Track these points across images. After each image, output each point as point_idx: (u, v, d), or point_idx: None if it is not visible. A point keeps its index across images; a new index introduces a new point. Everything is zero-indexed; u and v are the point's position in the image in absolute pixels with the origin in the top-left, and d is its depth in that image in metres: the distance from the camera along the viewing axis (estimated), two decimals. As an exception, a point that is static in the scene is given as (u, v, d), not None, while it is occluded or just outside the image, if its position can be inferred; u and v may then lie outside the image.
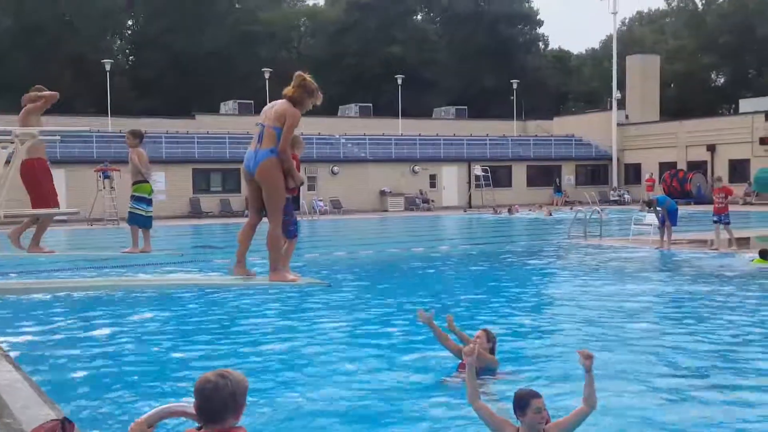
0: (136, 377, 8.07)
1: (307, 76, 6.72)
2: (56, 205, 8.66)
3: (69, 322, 10.94)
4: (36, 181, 8.41)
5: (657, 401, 7.04)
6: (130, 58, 72.18)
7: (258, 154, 6.63)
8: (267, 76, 50.17)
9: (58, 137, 8.85)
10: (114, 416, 6.76)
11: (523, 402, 5.29)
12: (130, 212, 10.26)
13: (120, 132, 37.00)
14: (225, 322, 10.94)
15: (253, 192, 6.86)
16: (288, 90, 6.72)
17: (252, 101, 53.32)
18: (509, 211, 37.86)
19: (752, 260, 16.47)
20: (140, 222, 10.14)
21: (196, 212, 40.24)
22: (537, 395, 5.33)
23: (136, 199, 10.18)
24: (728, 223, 19.50)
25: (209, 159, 42.38)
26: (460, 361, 7.73)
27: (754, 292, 13.08)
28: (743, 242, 21.55)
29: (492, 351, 7.76)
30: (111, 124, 44.20)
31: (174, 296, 12.82)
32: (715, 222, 19.63)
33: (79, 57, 58.74)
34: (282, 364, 8.49)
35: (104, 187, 33.31)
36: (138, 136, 10.17)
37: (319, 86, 6.85)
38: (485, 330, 7.92)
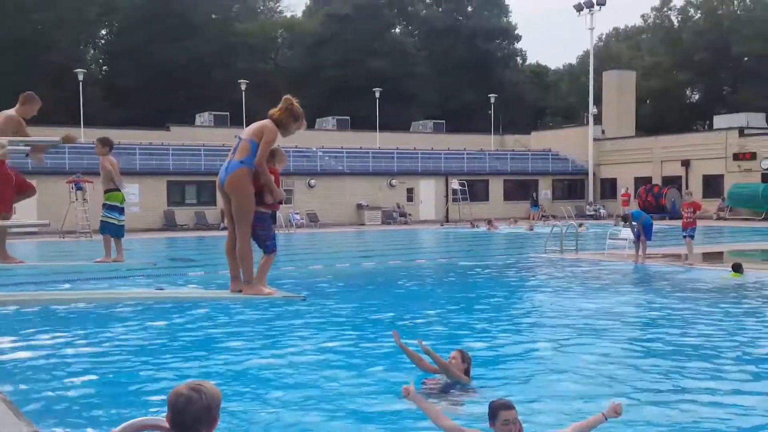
0: (109, 391, 7.98)
1: (295, 101, 6.73)
2: (8, 207, 8.41)
3: (42, 335, 10.78)
4: None
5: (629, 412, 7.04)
6: (104, 68, 71.39)
7: (229, 165, 6.62)
8: (244, 87, 50.09)
9: (29, 148, 8.70)
10: (87, 430, 6.67)
11: (493, 413, 5.31)
12: (102, 221, 10.11)
13: (92, 143, 36.57)
14: (199, 336, 10.84)
15: (228, 204, 6.83)
16: (274, 111, 6.72)
17: (228, 113, 53.17)
18: (489, 225, 37.34)
19: (729, 273, 16.61)
20: (112, 231, 10.00)
21: (170, 225, 39.88)
22: (508, 407, 5.33)
23: (108, 207, 10.03)
24: (692, 237, 19.64)
25: (184, 171, 42.01)
26: (430, 376, 7.75)
27: (725, 304, 13.15)
28: (716, 257, 21.77)
29: (467, 372, 7.73)
30: (83, 135, 43.73)
31: (148, 310, 12.68)
32: (684, 237, 19.79)
33: (52, 66, 58.09)
34: (256, 378, 8.43)
35: (76, 199, 32.92)
36: (107, 143, 10.01)
37: (297, 98, 6.83)
38: (460, 351, 7.88)
